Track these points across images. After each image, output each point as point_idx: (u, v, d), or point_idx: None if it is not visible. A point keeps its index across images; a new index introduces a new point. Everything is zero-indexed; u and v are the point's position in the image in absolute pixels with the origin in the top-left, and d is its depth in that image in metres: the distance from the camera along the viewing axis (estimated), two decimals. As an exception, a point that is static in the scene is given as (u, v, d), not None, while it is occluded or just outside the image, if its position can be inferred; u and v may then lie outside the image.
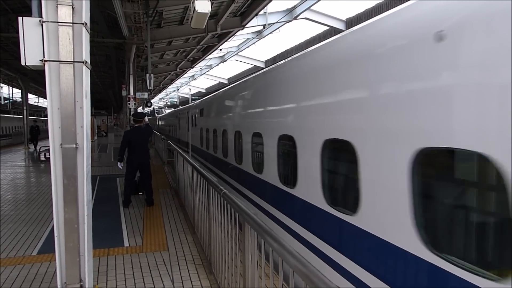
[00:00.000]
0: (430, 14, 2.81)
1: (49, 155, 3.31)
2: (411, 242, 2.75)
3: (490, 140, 2.24)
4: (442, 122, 2.53)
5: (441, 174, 2.82)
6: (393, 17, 3.42)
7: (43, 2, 3.06)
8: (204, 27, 8.28)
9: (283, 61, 6.42)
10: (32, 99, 46.42)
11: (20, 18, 3.10)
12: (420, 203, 2.75)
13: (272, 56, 25.35)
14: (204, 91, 44.48)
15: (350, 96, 3.70)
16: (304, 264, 1.84)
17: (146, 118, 8.75)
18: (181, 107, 21.86)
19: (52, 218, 3.24)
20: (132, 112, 13.29)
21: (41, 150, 16.89)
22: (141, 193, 8.80)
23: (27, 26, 3.09)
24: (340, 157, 4.09)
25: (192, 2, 7.19)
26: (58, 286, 3.28)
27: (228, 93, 9.49)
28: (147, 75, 15.46)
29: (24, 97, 26.30)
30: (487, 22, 2.29)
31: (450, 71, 2.50)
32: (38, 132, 25.54)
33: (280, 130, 5.40)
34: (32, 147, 24.48)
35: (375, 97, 3.29)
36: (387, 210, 3.05)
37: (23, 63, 3.13)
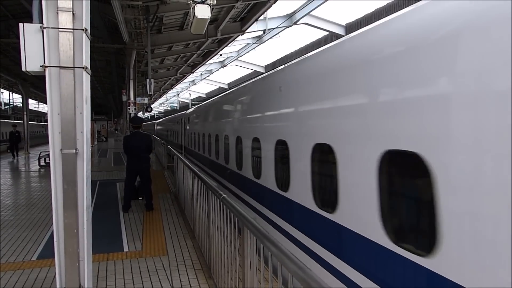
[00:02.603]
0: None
1: (49, 160, 3.32)
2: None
3: None
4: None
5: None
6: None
7: (43, 8, 3.08)
8: (204, 32, 8.32)
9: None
10: (32, 104, 46.52)
11: (21, 24, 3.12)
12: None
13: (272, 61, 25.43)
14: (204, 96, 44.57)
15: None
16: (303, 268, 1.85)
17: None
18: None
19: (52, 223, 3.25)
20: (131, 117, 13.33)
21: (41, 155, 16.89)
22: (140, 197, 8.80)
23: (28, 32, 3.11)
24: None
25: (192, 8, 7.23)
26: (58, 291, 3.28)
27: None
28: (147, 80, 15.50)
29: (25, 102, 26.33)
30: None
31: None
32: (18, 139, 22.14)
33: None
34: (14, 156, 21.39)
35: None
36: None
37: (23, 69, 3.14)
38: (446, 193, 2.39)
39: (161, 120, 28.98)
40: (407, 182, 2.93)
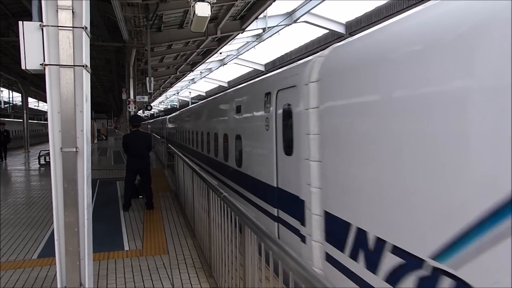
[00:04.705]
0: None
1: (49, 158, 3.32)
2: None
3: None
4: None
5: None
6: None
7: (43, 6, 3.07)
8: (204, 30, 8.30)
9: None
10: (32, 102, 46.46)
11: (20, 22, 3.11)
12: None
13: (272, 59, 25.38)
14: (204, 94, 44.52)
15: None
16: (304, 267, 1.84)
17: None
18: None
19: (52, 222, 3.24)
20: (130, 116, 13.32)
21: (41, 154, 16.87)
22: (141, 196, 8.79)
23: (28, 30, 3.10)
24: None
25: (192, 6, 7.21)
26: (58, 290, 3.28)
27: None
28: (147, 78, 15.50)
29: (24, 101, 26.29)
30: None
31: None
32: (7, 139, 20.01)
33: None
34: (2, 159, 19.21)
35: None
36: None
37: (23, 67, 3.13)
38: None
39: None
40: None
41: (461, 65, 2.26)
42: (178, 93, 51.46)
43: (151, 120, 55.93)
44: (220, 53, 22.92)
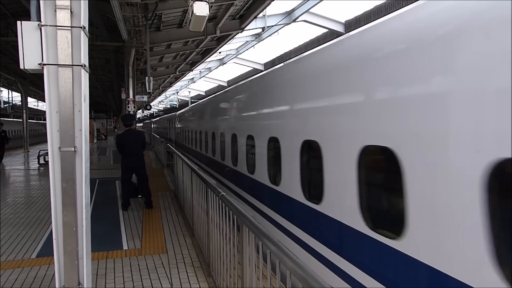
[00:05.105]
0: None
1: (48, 158, 3.32)
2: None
3: None
4: None
5: None
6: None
7: (41, 6, 3.08)
8: (202, 30, 8.29)
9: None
10: (32, 102, 46.40)
11: (19, 22, 3.11)
12: None
13: (271, 58, 25.38)
14: (203, 93, 44.51)
15: None
16: (301, 266, 1.85)
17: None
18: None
19: (51, 222, 3.25)
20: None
21: (40, 154, 16.86)
22: (140, 195, 8.79)
23: (26, 30, 3.10)
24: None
25: (190, 5, 7.20)
26: (57, 289, 3.28)
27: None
28: (147, 78, 15.49)
29: (24, 100, 26.27)
30: None
31: None
32: (5, 140, 19.00)
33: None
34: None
35: None
36: None
37: (22, 67, 3.14)
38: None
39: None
40: None
41: None
42: (177, 92, 51.44)
43: (155, 119, 51.02)
44: (219, 52, 22.92)
